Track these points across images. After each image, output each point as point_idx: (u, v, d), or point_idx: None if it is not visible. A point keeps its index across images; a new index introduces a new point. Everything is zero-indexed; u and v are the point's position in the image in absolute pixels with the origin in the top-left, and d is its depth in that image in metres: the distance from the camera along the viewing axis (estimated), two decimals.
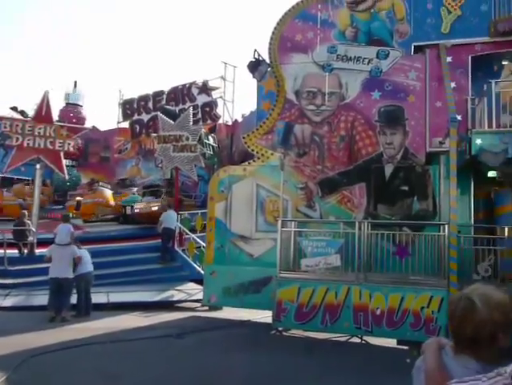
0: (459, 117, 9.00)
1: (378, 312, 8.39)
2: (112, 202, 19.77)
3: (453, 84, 9.52)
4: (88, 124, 29.23)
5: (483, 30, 9.81)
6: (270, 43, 10.88)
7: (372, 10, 10.52)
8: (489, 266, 8.34)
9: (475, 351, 1.63)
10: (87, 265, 10.23)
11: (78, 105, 34.17)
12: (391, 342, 8.62)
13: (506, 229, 8.47)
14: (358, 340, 8.85)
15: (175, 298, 12.27)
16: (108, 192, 20.86)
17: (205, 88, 17.89)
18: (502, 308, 1.61)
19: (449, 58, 9.77)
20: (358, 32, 10.50)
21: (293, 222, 9.75)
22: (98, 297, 10.87)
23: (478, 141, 8.12)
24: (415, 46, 10.22)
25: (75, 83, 35.05)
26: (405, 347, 8.73)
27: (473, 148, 8.17)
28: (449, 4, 10.07)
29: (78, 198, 20.35)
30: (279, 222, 9.32)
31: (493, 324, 1.59)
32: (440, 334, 8.10)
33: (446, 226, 8.50)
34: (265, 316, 9.76)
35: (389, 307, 8.35)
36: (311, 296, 8.71)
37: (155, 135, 17.54)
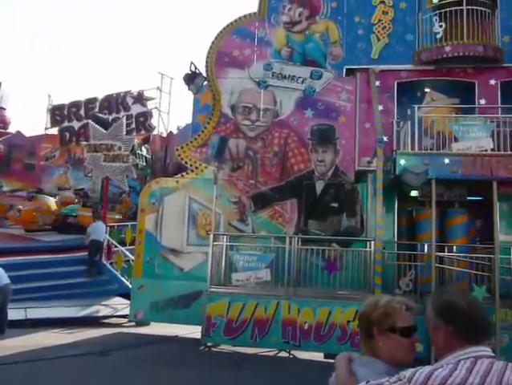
0: (386, 138, 9.48)
1: (306, 326, 8.51)
2: (54, 210, 18.62)
3: (380, 107, 10.04)
4: (12, 129, 27.53)
5: (408, 58, 10.46)
6: (208, 57, 10.91)
7: (307, 32, 10.89)
8: (409, 281, 8.75)
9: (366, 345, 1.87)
10: (2, 279, 9.50)
11: (1, 108, 32.10)
12: (318, 356, 8.75)
13: (426, 246, 8.94)
14: (286, 354, 8.90)
15: (100, 314, 11.72)
16: (50, 200, 19.62)
17: (141, 98, 17.51)
18: (380, 309, 1.85)
19: (377, 83, 10.30)
20: (293, 52, 10.81)
21: (225, 236, 9.70)
22: (15, 313, 10.10)
23: (402, 162, 8.55)
24: (347, 69, 10.68)
25: None
26: (332, 361, 8.89)
27: (397, 168, 8.58)
28: (378, 32, 10.65)
29: (19, 206, 18.97)
30: (211, 236, 9.24)
31: (371, 320, 1.85)
32: None
33: (372, 242, 8.85)
34: (194, 331, 9.58)
35: (317, 321, 8.50)
36: (241, 311, 8.67)
37: (85, 143, 16.84)
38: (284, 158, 10.40)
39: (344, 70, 10.67)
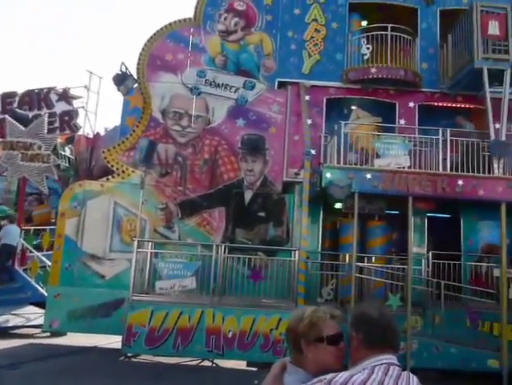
0: (313, 151, 9.78)
1: (230, 335, 8.50)
2: None
3: (309, 121, 10.37)
4: None
5: (337, 76, 10.93)
6: (139, 59, 10.67)
7: (242, 42, 11.02)
8: (331, 290, 9.07)
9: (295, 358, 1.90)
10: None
11: None
12: (241, 364, 8.77)
13: (347, 256, 9.33)
14: (209, 363, 8.83)
15: (10, 324, 10.89)
16: None
17: (66, 96, 16.62)
18: (305, 320, 1.90)
19: (307, 97, 10.64)
20: (227, 61, 10.88)
21: (150, 243, 9.47)
22: None
23: (328, 175, 8.88)
24: (279, 82, 10.93)
25: None
26: (254, 369, 8.96)
27: (323, 181, 8.89)
28: (310, 48, 11.03)
29: None
30: (135, 242, 8.98)
31: (297, 333, 1.89)
32: (287, 355, 8.49)
33: (297, 252, 9.06)
34: (114, 341, 9.21)
35: (241, 330, 8.53)
36: (164, 319, 8.48)
37: (0, 140, 15.68)
38: (214, 166, 10.39)
39: (276, 82, 10.91)
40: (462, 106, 10.97)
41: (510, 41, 9.70)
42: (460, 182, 8.99)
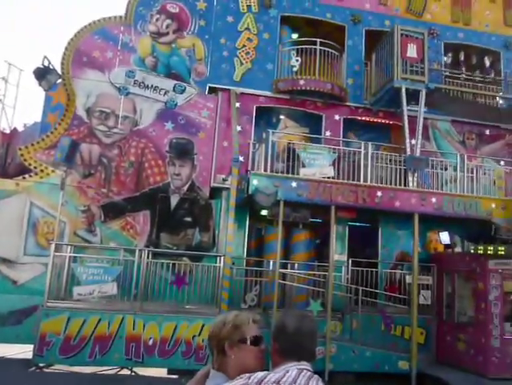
0: (241, 158, 9.88)
1: (151, 342, 8.30)
2: None
3: (239, 128, 10.46)
4: None
5: (268, 85, 11.13)
6: (64, 54, 10.20)
7: (174, 45, 10.90)
8: (255, 296, 9.16)
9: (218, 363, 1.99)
10: None
11: None
12: (162, 372, 8.59)
13: (271, 263, 9.47)
14: (128, 372, 8.55)
15: None
16: None
17: None
18: (229, 324, 1.98)
19: (237, 104, 10.73)
20: (158, 62, 10.70)
21: (69, 246, 9.03)
22: None
23: (255, 182, 8.99)
24: (210, 87, 10.92)
25: None
26: (175, 376, 8.81)
27: (250, 188, 8.98)
28: (241, 56, 11.15)
29: None
30: (52, 246, 8.51)
31: (221, 337, 1.97)
32: (209, 362, 8.44)
33: (222, 258, 9.06)
34: (24, 351, 8.64)
35: (162, 337, 8.36)
36: (81, 327, 8.10)
37: None
38: (140, 168, 10.14)
39: (207, 87, 10.90)
40: (383, 121, 11.60)
41: (426, 64, 10.44)
42: (379, 193, 9.49)
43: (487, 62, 12.58)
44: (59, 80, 10.18)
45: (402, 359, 9.22)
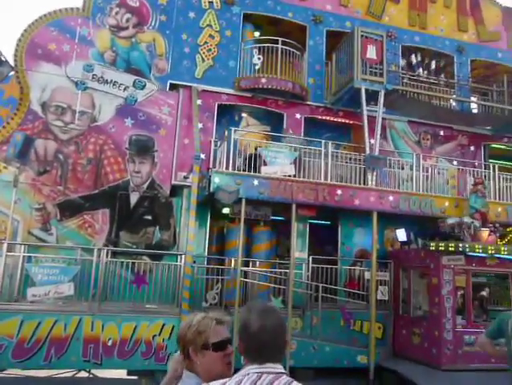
0: (203, 156, 9.81)
1: (110, 343, 8.12)
2: None
3: (200, 125, 10.37)
4: None
5: (230, 83, 11.08)
6: (18, 45, 9.78)
7: (134, 40, 10.67)
8: (216, 294, 9.13)
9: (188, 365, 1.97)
10: None
11: None
12: (121, 373, 8.43)
13: (233, 261, 9.48)
14: (86, 374, 8.34)
15: None
16: None
17: None
18: (193, 328, 1.94)
19: (199, 101, 10.63)
20: (117, 57, 10.44)
21: (22, 246, 8.69)
22: None
23: (216, 180, 8.96)
24: (171, 84, 10.76)
25: None
26: (135, 377, 8.68)
27: (211, 186, 8.95)
28: (203, 53, 11.05)
29: None
30: (4, 245, 8.16)
31: (186, 341, 1.93)
32: (169, 361, 8.35)
33: (183, 256, 8.98)
34: None
35: (122, 337, 8.19)
36: (35, 329, 7.82)
37: None
38: (98, 165, 9.86)
39: (168, 84, 10.73)
40: (343, 120, 11.81)
41: (385, 65, 10.70)
42: (339, 191, 9.67)
43: (441, 66, 13.03)
44: (12, 73, 9.74)
45: (361, 354, 9.45)
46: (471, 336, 8.61)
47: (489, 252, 8.85)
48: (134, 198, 9.94)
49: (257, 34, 12.26)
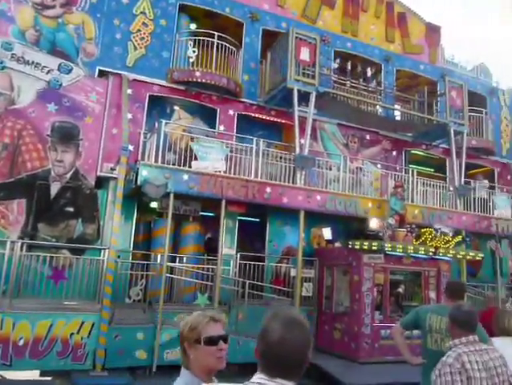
0: (131, 147, 9.48)
1: (21, 342, 7.59)
2: None
3: (130, 115, 10.00)
4: None
5: (162, 74, 10.79)
6: None
7: (61, 20, 10.05)
8: (140, 290, 8.86)
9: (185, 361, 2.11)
10: None
11: None
12: (33, 374, 7.92)
13: (159, 256, 9.25)
14: None
15: None
16: None
17: None
18: (188, 324, 2.08)
19: (129, 91, 10.25)
20: (41, 37, 9.76)
21: None
22: None
23: (144, 173, 8.68)
24: (100, 70, 10.26)
25: None
26: (48, 378, 8.19)
27: (139, 179, 8.65)
28: (136, 41, 10.66)
29: None
30: None
31: (183, 337, 2.08)
32: (87, 360, 7.99)
33: (107, 251, 8.61)
34: None
35: (35, 336, 7.69)
36: None
37: None
38: (16, 152, 9.13)
39: (97, 70, 10.22)
40: (276, 119, 11.95)
41: (317, 68, 10.96)
42: (268, 189, 9.76)
43: (370, 73, 13.60)
44: None
45: None
46: (387, 330, 9.07)
47: (408, 251, 9.36)
48: (55, 189, 9.33)
49: (193, 26, 12.06)
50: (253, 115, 11.74)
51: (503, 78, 16.12)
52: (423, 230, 9.72)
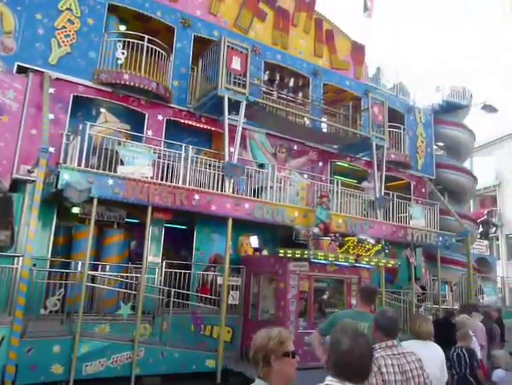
0: (52, 149, 8.98)
1: None
2: None
3: (51, 116, 9.48)
4: None
5: (88, 74, 10.37)
6: None
7: None
8: (57, 301, 8.37)
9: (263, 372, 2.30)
10: None
11: None
12: None
13: (80, 264, 8.81)
14: None
15: None
16: None
17: None
18: (275, 339, 2.29)
19: (51, 90, 9.73)
20: None
21: None
22: None
23: (66, 176, 8.24)
24: (19, 66, 9.65)
25: None
26: None
27: (60, 182, 8.20)
28: (60, 38, 10.16)
29: None
30: None
31: (268, 350, 2.26)
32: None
33: (21, 258, 8.06)
34: None
35: None
36: None
37: None
38: None
39: (16, 66, 9.60)
40: (205, 127, 11.91)
41: (248, 78, 11.10)
42: (196, 196, 9.68)
43: (298, 85, 14.04)
44: None
45: (209, 358, 9.53)
46: (310, 337, 9.28)
47: (330, 259, 9.65)
48: None
49: (122, 27, 11.75)
50: (182, 121, 11.62)
51: (419, 97, 17.33)
52: (346, 239, 10.11)
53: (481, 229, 25.60)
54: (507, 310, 15.01)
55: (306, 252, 9.40)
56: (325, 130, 14.80)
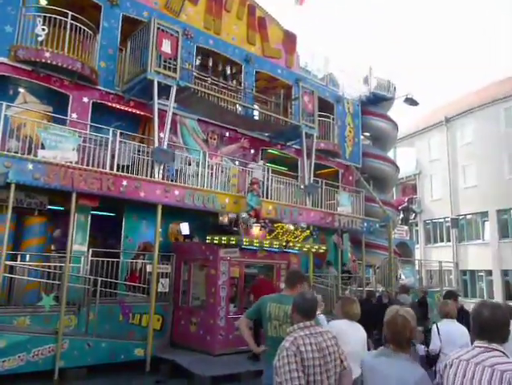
0: None
1: None
2: None
3: None
4: None
5: (4, 50, 9.62)
6: None
7: None
8: None
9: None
10: None
11: None
12: None
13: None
14: None
15: None
16: None
17: None
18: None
19: None
20: None
21: None
22: None
23: None
24: None
25: None
26: None
27: None
28: None
29: None
30: None
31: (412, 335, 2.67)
32: None
33: None
34: None
35: None
36: None
37: None
38: None
39: None
40: (134, 111, 11.53)
41: (179, 62, 10.86)
42: (124, 182, 9.39)
43: (231, 72, 13.96)
44: None
45: (138, 347, 9.38)
46: (238, 321, 9.41)
47: (256, 244, 9.75)
48: None
49: (43, 1, 10.99)
50: (110, 104, 11.16)
51: (347, 88, 17.85)
52: (276, 225, 10.31)
53: (402, 216, 27.18)
54: (429, 290, 16.05)
55: (232, 238, 9.46)
56: (257, 117, 14.89)
